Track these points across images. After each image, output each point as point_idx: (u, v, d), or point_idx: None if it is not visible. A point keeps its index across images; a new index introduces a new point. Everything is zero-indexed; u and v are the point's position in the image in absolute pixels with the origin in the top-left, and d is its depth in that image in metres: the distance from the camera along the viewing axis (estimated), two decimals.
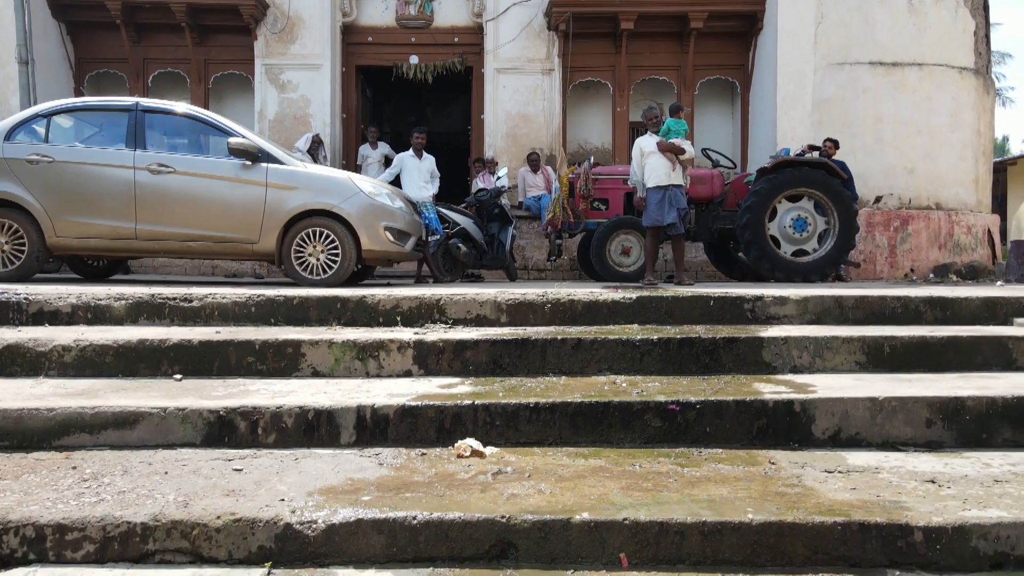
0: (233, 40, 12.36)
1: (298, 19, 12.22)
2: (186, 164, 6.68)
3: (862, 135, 11.14)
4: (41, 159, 6.61)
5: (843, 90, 11.22)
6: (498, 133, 12.33)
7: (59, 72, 12.14)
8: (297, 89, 12.27)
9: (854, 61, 11.19)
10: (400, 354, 4.31)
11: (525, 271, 11.25)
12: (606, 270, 8.81)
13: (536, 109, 12.33)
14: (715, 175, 9.39)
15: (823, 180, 8.70)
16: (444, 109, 17.13)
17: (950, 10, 11.16)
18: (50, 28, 11.92)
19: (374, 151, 12.17)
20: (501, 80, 12.33)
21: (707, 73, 12.63)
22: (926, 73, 11.04)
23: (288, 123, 12.29)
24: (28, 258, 6.65)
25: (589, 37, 12.27)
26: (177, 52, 12.40)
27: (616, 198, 9.24)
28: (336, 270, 6.76)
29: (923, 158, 11.04)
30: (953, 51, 11.16)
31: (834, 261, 8.75)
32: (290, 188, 6.71)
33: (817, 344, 4.30)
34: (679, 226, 7.58)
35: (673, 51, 12.51)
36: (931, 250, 10.94)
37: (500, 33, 12.27)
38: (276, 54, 12.22)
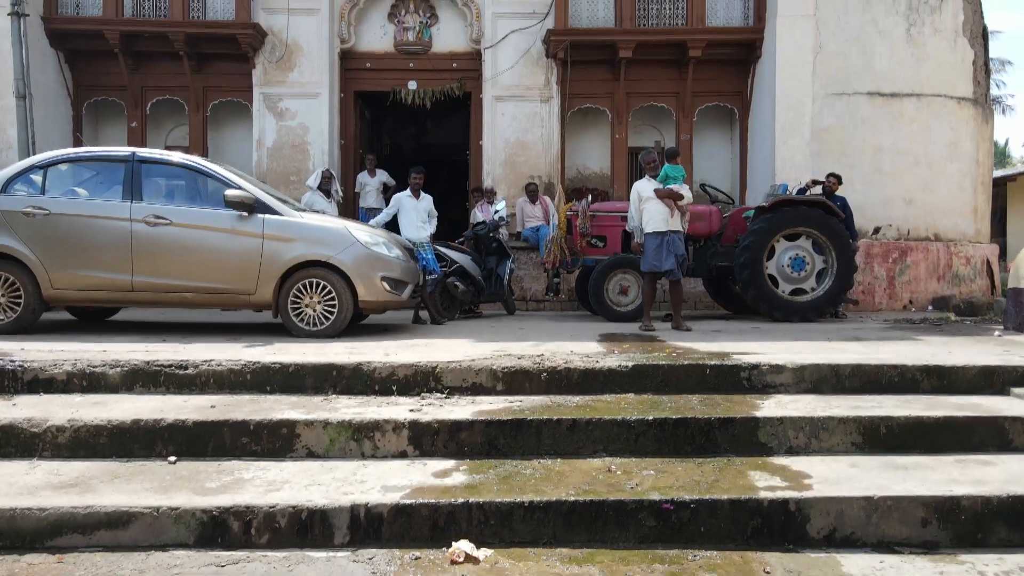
0: (231, 67, 12.35)
1: (296, 47, 12.22)
2: (182, 216, 6.68)
3: (861, 165, 11.14)
4: (37, 211, 6.60)
5: (842, 120, 11.21)
6: (496, 160, 12.32)
7: (57, 100, 12.14)
8: (295, 117, 12.26)
9: (852, 91, 11.18)
10: (395, 435, 4.30)
11: (523, 302, 11.24)
12: (604, 309, 8.81)
13: (535, 136, 12.32)
14: (713, 211, 9.39)
15: (821, 219, 8.70)
16: (444, 121, 17.07)
17: (949, 40, 11.15)
18: (48, 57, 11.92)
19: (372, 179, 12.16)
20: (500, 107, 12.31)
21: (706, 100, 12.62)
22: (925, 104, 11.03)
23: (287, 151, 12.28)
24: (24, 310, 6.64)
25: (587, 64, 12.25)
26: (175, 79, 12.38)
27: (614, 235, 9.23)
28: (333, 321, 6.76)
29: (922, 189, 11.03)
30: (952, 81, 11.15)
31: (832, 301, 8.76)
32: (286, 239, 6.70)
33: (813, 425, 4.29)
34: (677, 272, 7.58)
35: (672, 78, 12.49)
36: (930, 281, 10.93)
37: (498, 61, 12.26)
38: (274, 82, 12.22)
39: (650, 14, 12.02)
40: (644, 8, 12.00)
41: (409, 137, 17.95)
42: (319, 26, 12.23)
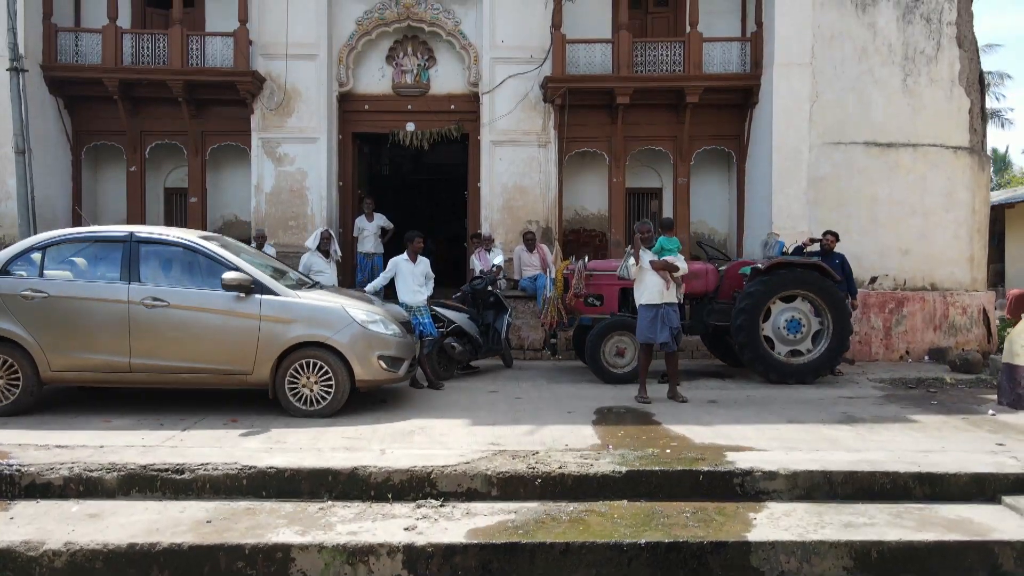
0: (230, 112, 12.38)
1: (295, 92, 12.25)
2: (180, 297, 6.71)
3: (857, 215, 11.17)
4: (36, 295, 6.64)
5: (838, 169, 11.25)
6: (494, 205, 12.35)
7: (56, 146, 12.17)
8: (294, 162, 12.30)
9: (849, 141, 11.22)
10: (390, 559, 4.33)
11: (521, 351, 11.26)
12: (600, 371, 8.84)
13: (532, 181, 12.36)
14: (709, 270, 9.42)
15: (817, 282, 8.74)
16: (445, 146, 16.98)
17: (945, 90, 11.19)
18: (47, 104, 11.96)
19: (370, 223, 12.20)
20: (497, 152, 12.35)
21: (703, 143, 12.66)
22: (921, 154, 11.07)
23: (285, 196, 12.32)
24: (23, 393, 6.68)
25: (585, 108, 12.29)
26: (174, 124, 12.41)
27: (611, 294, 9.26)
28: (329, 401, 6.79)
29: (918, 239, 11.07)
30: (948, 131, 11.19)
31: (828, 363, 8.79)
32: (284, 321, 6.74)
33: (805, 550, 4.32)
34: (672, 344, 7.60)
35: (669, 121, 12.52)
36: (926, 332, 10.96)
37: (496, 106, 12.29)
38: (273, 127, 12.25)
39: (647, 60, 12.05)
40: (642, 54, 12.03)
41: (408, 157, 17.88)
42: (317, 71, 12.27)
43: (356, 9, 12.66)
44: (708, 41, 12.01)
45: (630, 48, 11.91)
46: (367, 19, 12.63)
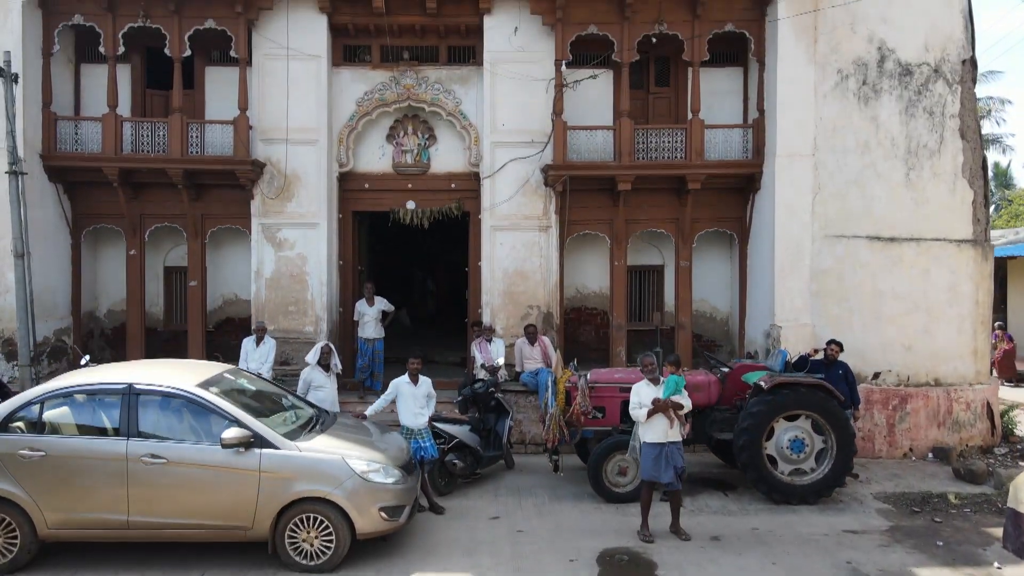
0: (230, 195, 12.33)
1: (295, 177, 12.20)
2: (178, 453, 6.66)
3: (860, 310, 11.11)
4: (33, 453, 6.59)
5: (841, 263, 11.19)
6: (495, 291, 12.30)
7: (56, 231, 12.13)
8: (294, 247, 12.25)
9: (852, 234, 11.17)
10: None
11: (523, 445, 11.19)
12: (602, 491, 8.78)
13: (533, 266, 12.30)
14: (712, 382, 9.37)
15: (821, 402, 8.69)
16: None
17: (948, 183, 11.14)
18: (47, 191, 11.92)
19: (371, 308, 12.15)
20: (498, 237, 12.29)
21: (705, 225, 12.60)
22: (924, 248, 11.01)
23: (285, 281, 12.26)
24: (20, 551, 6.63)
25: (586, 192, 12.24)
26: (174, 207, 12.36)
27: (613, 406, 9.20)
28: (330, 556, 6.74)
29: (921, 334, 11.01)
30: (951, 224, 11.13)
31: (832, 483, 8.73)
32: (284, 476, 6.69)
33: None
34: (676, 483, 7.55)
35: (671, 204, 12.47)
36: (930, 429, 10.90)
37: (497, 190, 12.24)
38: (273, 213, 12.20)
39: (649, 147, 12.00)
40: (643, 141, 11.98)
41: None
42: (318, 156, 12.23)
43: (356, 90, 12.63)
44: (710, 128, 11.96)
45: (632, 135, 11.86)
46: (367, 100, 12.60)
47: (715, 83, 12.62)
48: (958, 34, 11.34)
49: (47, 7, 11.69)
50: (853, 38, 11.18)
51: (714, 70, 12.57)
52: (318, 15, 12.12)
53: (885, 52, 11.11)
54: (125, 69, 12.58)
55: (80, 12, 11.69)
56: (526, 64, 12.09)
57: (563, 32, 11.84)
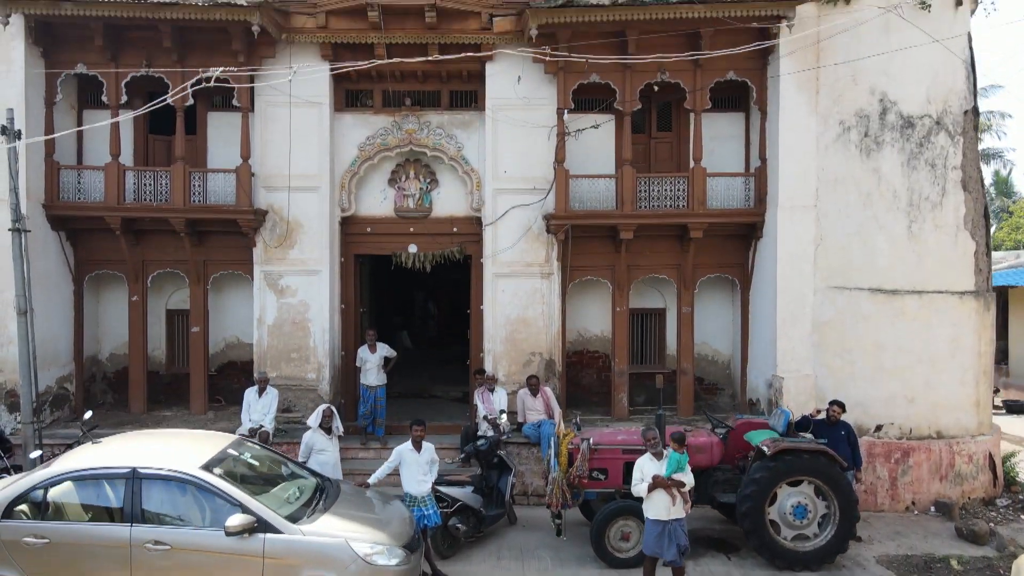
0: (232, 241, 12.33)
1: (297, 224, 12.21)
2: (183, 539, 6.67)
3: (862, 361, 11.12)
4: (37, 540, 6.60)
5: (843, 314, 11.21)
6: (497, 337, 12.30)
7: (58, 277, 12.16)
8: (296, 294, 12.25)
9: (854, 286, 11.18)
10: None
11: (525, 496, 11.19)
12: (605, 556, 8.78)
13: (535, 312, 12.30)
14: (714, 443, 9.37)
15: (824, 468, 8.70)
16: None
17: (950, 235, 11.14)
18: (50, 240, 11.95)
19: (373, 355, 12.15)
20: (500, 284, 12.30)
21: (707, 271, 12.62)
22: (926, 301, 11.02)
23: (287, 328, 12.27)
24: None
25: (588, 239, 12.26)
26: (176, 253, 12.38)
27: (615, 468, 9.21)
28: None
29: (924, 387, 11.01)
30: (954, 276, 11.13)
31: (835, 550, 8.75)
32: (287, 562, 6.69)
33: None
34: (679, 561, 7.55)
35: (673, 250, 12.48)
36: (932, 482, 10.91)
37: (499, 238, 12.25)
38: (275, 260, 12.21)
39: (651, 195, 12.00)
40: (645, 189, 11.99)
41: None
42: (320, 203, 12.24)
43: (358, 134, 12.65)
44: (712, 176, 11.96)
45: (634, 184, 11.87)
46: (369, 144, 12.62)
47: (717, 128, 12.63)
48: (960, 85, 11.36)
49: (50, 57, 11.70)
50: (855, 90, 11.19)
51: (716, 114, 12.56)
52: (320, 62, 12.13)
53: (887, 104, 11.12)
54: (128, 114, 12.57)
55: (83, 62, 11.70)
56: (528, 111, 12.10)
57: (565, 81, 11.85)
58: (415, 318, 23.89)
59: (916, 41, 10.98)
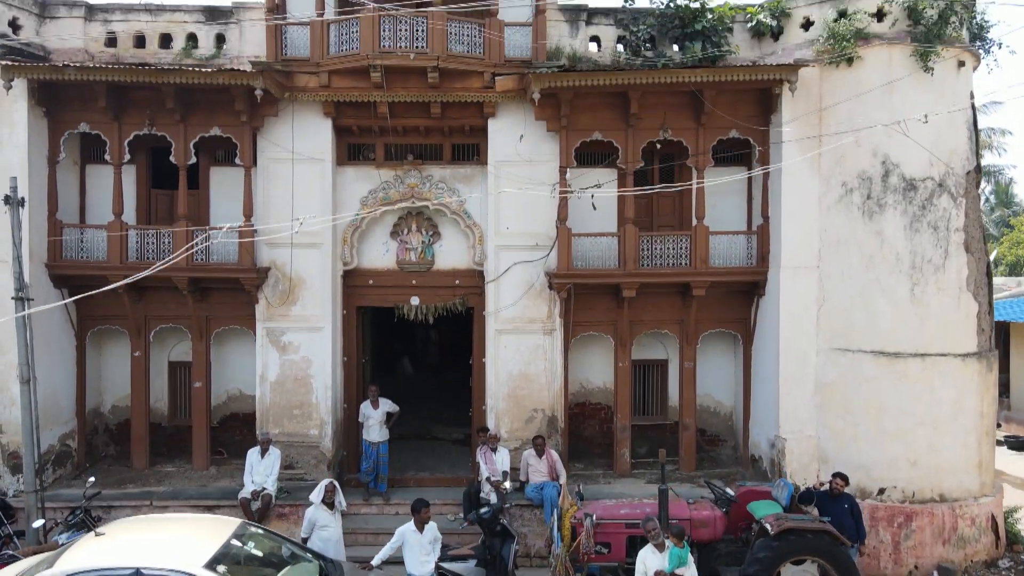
0: (234, 298, 12.32)
1: (299, 280, 12.21)
2: None
3: (865, 424, 11.11)
4: None
5: (845, 376, 11.21)
6: (499, 394, 12.30)
7: (60, 334, 12.17)
8: (298, 351, 12.25)
9: (856, 348, 11.17)
10: None
11: (527, 559, 11.18)
12: None
13: (537, 369, 12.30)
14: (717, 517, 9.38)
15: (827, 548, 8.69)
16: None
17: (952, 297, 11.13)
18: (52, 297, 11.92)
19: (375, 411, 12.14)
20: (503, 340, 12.29)
21: (710, 326, 12.63)
22: (929, 364, 11.00)
23: (289, 385, 12.27)
24: None
25: (591, 294, 12.27)
26: (178, 309, 12.39)
27: (618, 542, 9.23)
28: None
29: (926, 450, 11.00)
30: (956, 338, 11.12)
31: None
32: None
33: None
34: None
35: (675, 306, 12.48)
36: (935, 546, 10.90)
37: (501, 294, 12.24)
38: (278, 316, 12.21)
39: (654, 253, 11.99)
40: (648, 248, 11.98)
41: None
42: (322, 259, 12.24)
43: (360, 188, 12.66)
44: (715, 234, 11.96)
45: (636, 242, 11.87)
46: (372, 198, 12.63)
47: (718, 182, 12.57)
48: (962, 146, 11.36)
49: (53, 117, 11.71)
50: (857, 152, 11.18)
51: (718, 168, 12.53)
52: (323, 119, 12.15)
53: (889, 167, 11.11)
54: (130, 169, 12.57)
55: (86, 120, 11.72)
56: (530, 167, 12.10)
57: (567, 139, 11.87)
58: (416, 344, 23.88)
59: (919, 103, 10.97)
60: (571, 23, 12.41)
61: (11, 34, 11.75)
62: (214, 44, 12.39)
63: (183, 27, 12.39)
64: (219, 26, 12.38)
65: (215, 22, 12.39)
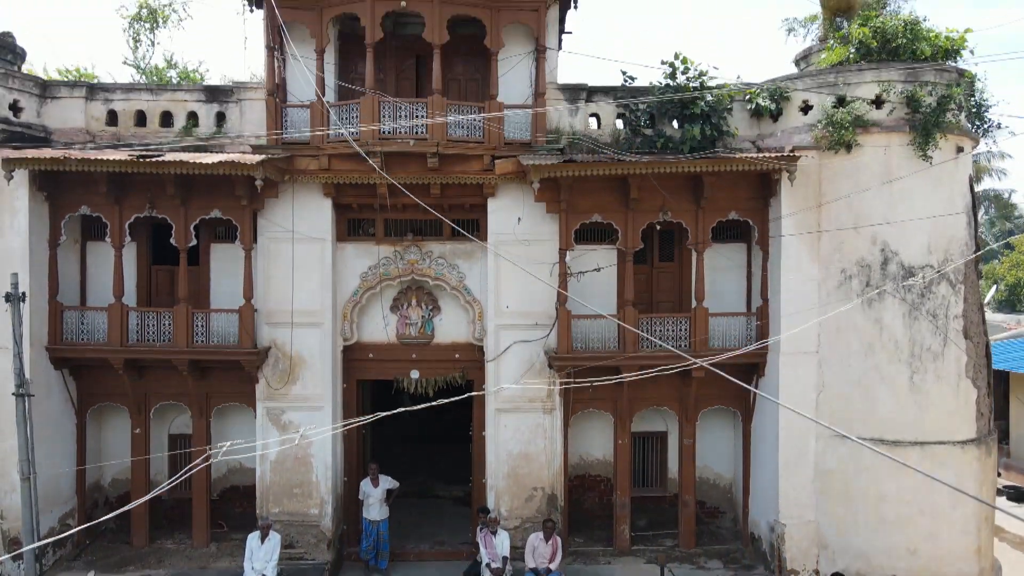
0: (234, 375, 12.32)
1: (300, 360, 12.23)
2: None
3: (864, 512, 11.13)
4: None
5: (845, 464, 11.22)
6: (499, 473, 12.32)
7: (60, 413, 12.23)
8: (299, 430, 12.19)
9: (856, 435, 11.14)
10: None
11: None
12: None
13: (537, 448, 12.33)
14: None
15: None
16: None
17: (952, 385, 11.15)
18: (53, 379, 12.00)
19: (375, 489, 12.19)
20: (503, 419, 12.33)
21: (709, 403, 12.65)
22: (928, 453, 11.02)
23: (289, 464, 12.30)
24: None
25: (591, 372, 12.25)
26: (178, 386, 12.40)
27: None
28: None
29: (926, 538, 11.01)
30: (955, 426, 11.14)
31: None
32: None
33: None
34: None
35: (675, 385, 12.43)
36: None
37: (501, 374, 12.26)
38: (278, 396, 12.24)
39: (653, 333, 12.01)
40: (648, 328, 11.99)
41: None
42: (322, 339, 12.27)
43: (360, 264, 12.69)
44: (714, 316, 11.98)
45: (636, 323, 11.85)
46: (371, 274, 12.67)
47: (719, 258, 12.65)
48: (961, 232, 11.39)
49: (54, 200, 11.75)
50: (856, 238, 11.21)
51: (717, 245, 12.56)
52: (323, 199, 12.20)
53: (888, 254, 11.14)
54: (131, 246, 12.58)
55: (87, 204, 11.76)
56: (530, 246, 12.13)
57: (567, 221, 11.90)
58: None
59: (917, 190, 11.03)
60: (571, 101, 12.44)
61: (12, 117, 11.79)
62: (214, 123, 12.42)
63: (184, 106, 12.44)
64: (219, 105, 12.42)
65: (215, 101, 12.43)
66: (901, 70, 11.16)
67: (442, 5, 11.44)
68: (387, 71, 12.70)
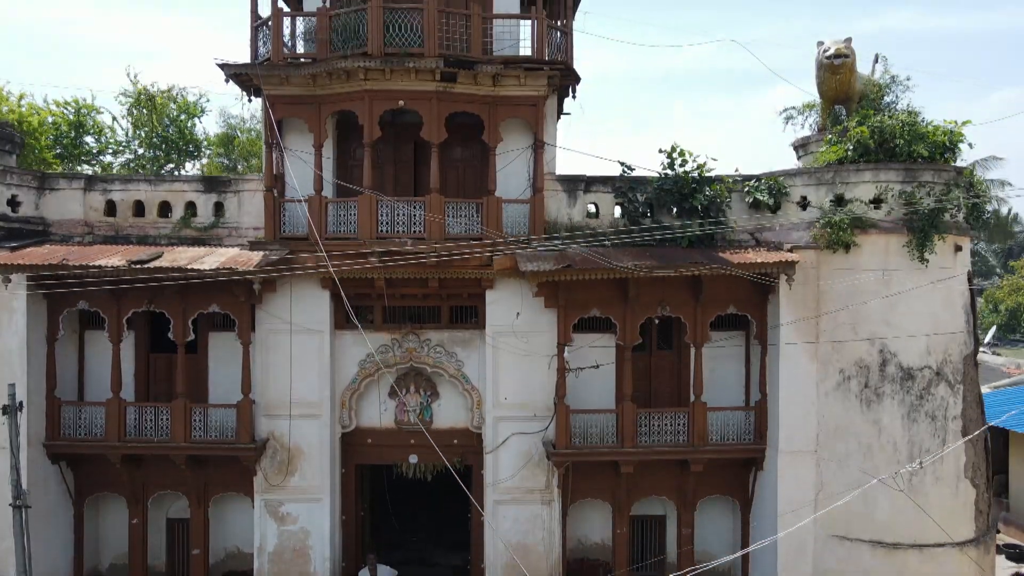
0: (232, 466, 12.30)
1: (298, 451, 12.23)
2: None
3: None
4: None
5: (843, 565, 11.22)
6: (497, 564, 12.32)
7: (57, 505, 12.24)
8: (297, 522, 12.26)
9: (855, 537, 11.19)
10: None
11: None
12: None
13: (535, 539, 12.33)
14: None
15: None
16: None
17: (950, 486, 11.15)
18: (50, 473, 12.01)
19: None
20: (500, 511, 12.32)
21: (708, 492, 12.65)
22: (928, 556, 11.01)
23: (288, 556, 12.28)
24: None
25: (590, 464, 12.25)
26: (176, 476, 12.39)
27: None
28: None
29: None
30: (954, 527, 11.12)
31: None
32: None
33: None
34: None
35: (673, 475, 12.47)
36: None
37: (499, 466, 12.28)
38: (276, 488, 12.23)
39: (652, 429, 11.99)
40: (646, 424, 11.97)
41: None
42: (320, 429, 12.28)
43: (359, 352, 12.67)
44: (712, 410, 11.96)
45: (634, 419, 11.87)
46: (370, 362, 12.65)
47: (717, 347, 12.61)
48: (959, 330, 11.39)
49: (52, 297, 11.72)
50: (855, 339, 11.21)
51: (715, 333, 12.53)
52: (321, 291, 12.20)
53: (887, 356, 11.14)
54: (129, 335, 12.54)
55: (85, 299, 11.75)
56: (528, 338, 12.16)
57: (565, 317, 11.89)
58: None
59: (915, 290, 11.01)
60: (569, 193, 12.47)
61: (10, 213, 11.83)
62: (213, 212, 12.46)
63: (182, 196, 12.47)
64: (218, 195, 12.46)
65: (214, 191, 12.47)
66: (899, 170, 11.19)
67: (440, 104, 11.47)
68: (385, 159, 12.71)
